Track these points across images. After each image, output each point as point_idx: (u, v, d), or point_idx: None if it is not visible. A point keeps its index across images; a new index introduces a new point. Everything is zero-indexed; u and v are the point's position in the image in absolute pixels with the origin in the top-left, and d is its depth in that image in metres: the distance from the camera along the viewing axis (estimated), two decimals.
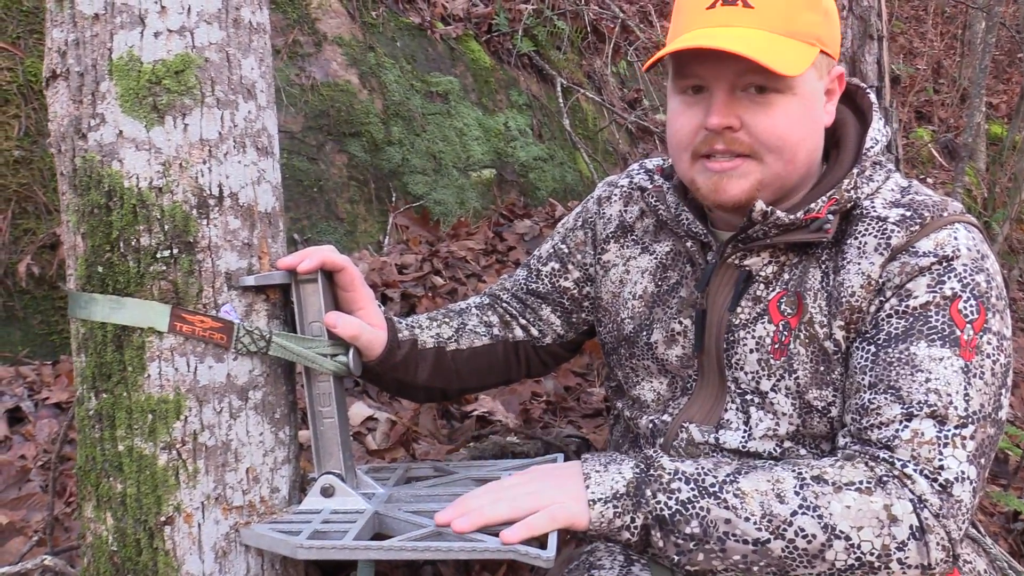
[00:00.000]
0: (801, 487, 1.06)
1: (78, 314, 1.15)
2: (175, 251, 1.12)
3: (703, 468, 1.09)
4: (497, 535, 1.08)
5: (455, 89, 3.57)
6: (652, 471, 1.09)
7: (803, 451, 1.21)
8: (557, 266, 1.47)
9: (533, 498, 1.08)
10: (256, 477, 1.19)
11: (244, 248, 1.17)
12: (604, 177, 3.97)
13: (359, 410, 2.16)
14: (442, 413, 2.33)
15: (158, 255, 1.12)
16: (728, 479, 1.08)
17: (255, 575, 1.18)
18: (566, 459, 1.47)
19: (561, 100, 3.98)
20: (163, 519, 1.13)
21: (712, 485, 1.07)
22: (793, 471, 1.08)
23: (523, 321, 1.47)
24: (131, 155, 1.12)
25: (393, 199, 3.19)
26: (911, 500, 1.04)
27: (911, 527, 1.03)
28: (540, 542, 1.06)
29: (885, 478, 1.06)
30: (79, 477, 1.20)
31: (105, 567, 1.15)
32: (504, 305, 1.49)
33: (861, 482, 1.05)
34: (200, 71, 1.13)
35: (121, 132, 1.12)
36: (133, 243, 1.12)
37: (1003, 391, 1.12)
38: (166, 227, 1.12)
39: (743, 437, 1.22)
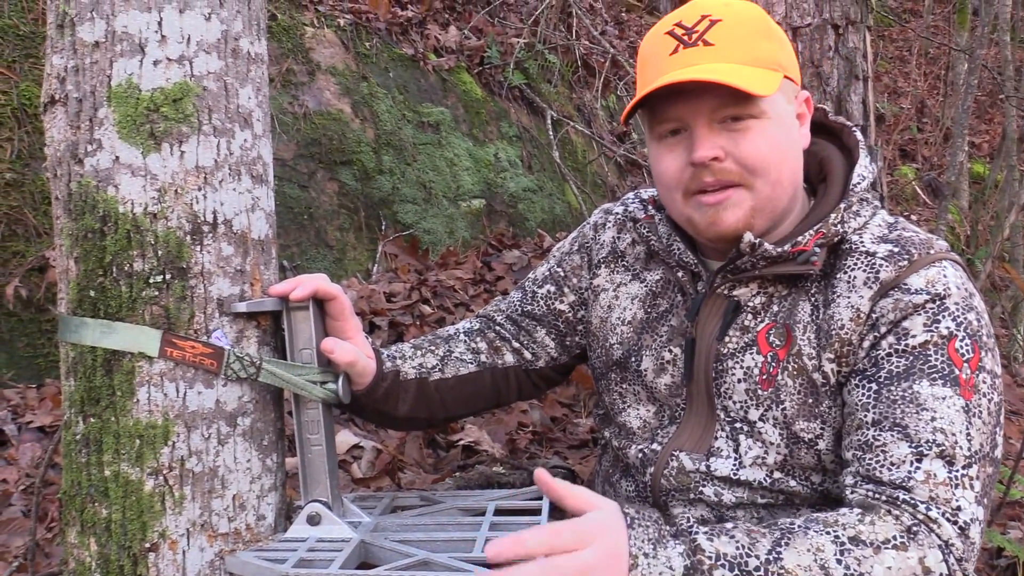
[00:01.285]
0: (842, 554, 1.02)
1: (68, 338, 1.15)
2: (168, 276, 1.13)
3: (742, 547, 1.03)
4: (482, 564, 1.08)
5: (446, 120, 3.61)
6: (695, 556, 1.02)
7: (793, 482, 1.21)
8: (553, 289, 1.48)
9: None
10: (243, 504, 1.18)
11: (236, 275, 1.18)
12: (592, 209, 4.00)
13: (345, 438, 2.16)
14: (428, 442, 2.33)
15: (151, 280, 1.13)
16: (770, 558, 1.01)
17: None
18: None
19: (551, 132, 4.03)
20: (148, 545, 1.13)
21: (756, 569, 1.01)
22: (829, 535, 1.04)
23: (516, 344, 1.47)
24: (127, 181, 1.13)
25: (383, 227, 3.21)
26: (939, 547, 1.04)
27: (941, 574, 1.03)
28: None
29: (915, 528, 1.05)
30: (63, 502, 1.19)
31: None
32: (497, 328, 1.49)
33: (895, 537, 1.03)
34: (198, 99, 1.15)
35: (118, 158, 1.13)
36: (126, 268, 1.12)
37: (998, 429, 1.13)
38: (159, 252, 1.13)
39: (734, 465, 1.23)
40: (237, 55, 1.19)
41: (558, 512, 1.93)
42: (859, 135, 1.29)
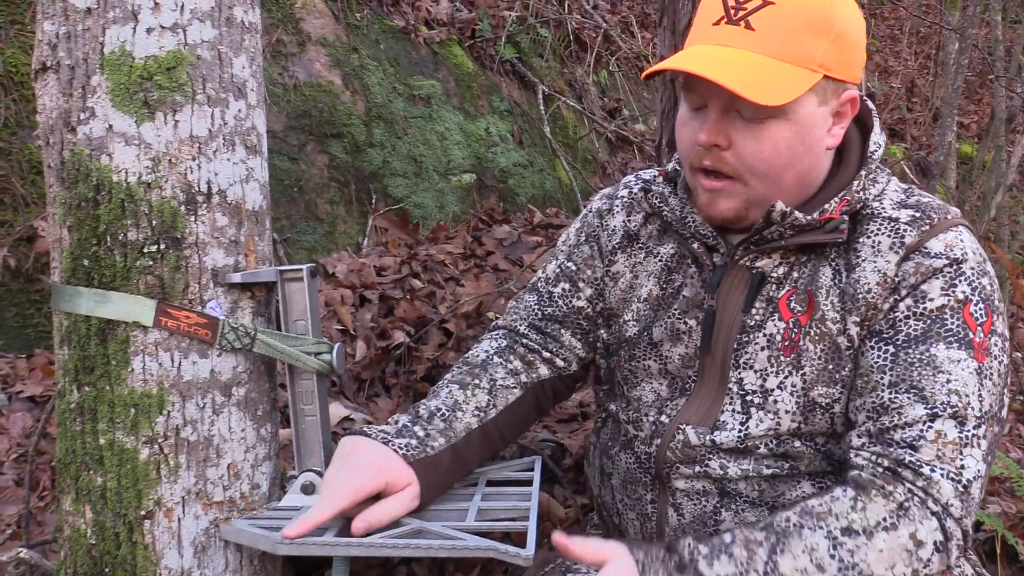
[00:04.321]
0: (835, 548, 1.06)
1: (62, 307, 1.15)
2: (162, 246, 1.13)
3: (741, 563, 1.06)
4: (476, 533, 1.10)
5: (437, 93, 3.59)
6: None
7: (798, 443, 1.23)
8: (568, 286, 1.45)
9: None
10: (237, 473, 1.19)
11: (231, 245, 1.18)
12: (583, 185, 4.00)
13: (336, 410, 2.16)
14: None
15: (145, 250, 1.13)
16: (768, 569, 1.05)
17: (234, 570, 1.19)
18: (543, 463, 1.48)
19: (542, 107, 4.01)
20: (143, 513, 1.14)
21: None
22: (822, 530, 1.07)
23: (546, 354, 1.44)
24: (120, 149, 1.12)
25: (373, 201, 3.20)
26: (935, 514, 1.08)
27: (935, 543, 1.07)
28: (519, 541, 1.08)
29: (906, 503, 1.08)
30: (58, 470, 1.20)
31: (83, 561, 1.15)
32: (523, 341, 1.45)
33: (885, 519, 1.07)
34: (192, 68, 1.14)
35: (111, 126, 1.12)
36: (120, 237, 1.12)
37: (1005, 391, 1.17)
38: (154, 222, 1.13)
39: (740, 436, 1.24)
40: (231, 24, 1.19)
41: (547, 483, 1.96)
42: (871, 104, 1.29)
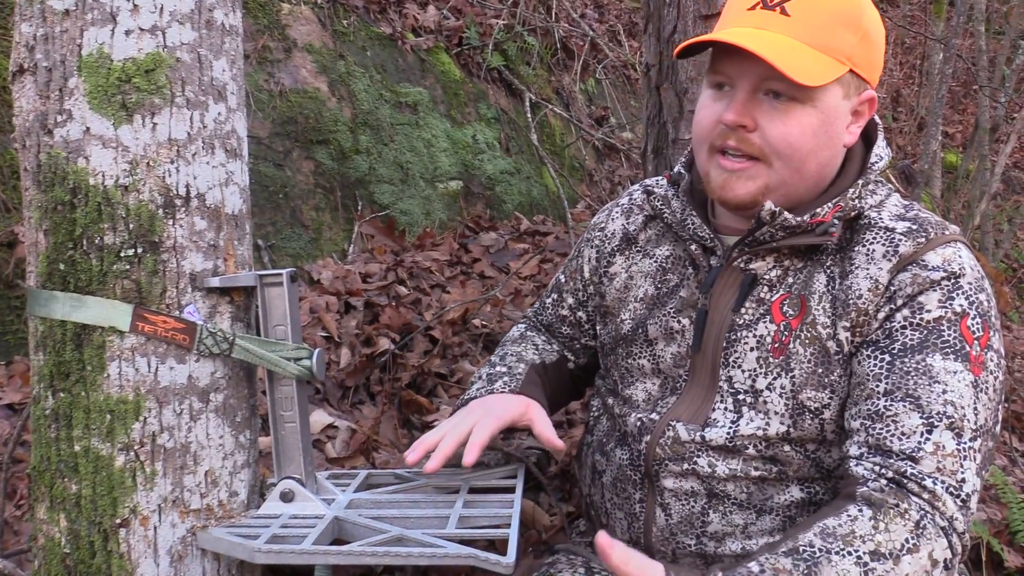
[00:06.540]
0: (866, 574, 1.04)
1: (37, 312, 1.13)
2: (139, 250, 1.12)
3: None
4: (456, 540, 1.09)
5: (424, 100, 3.58)
6: None
7: (787, 447, 1.22)
8: (556, 296, 1.57)
9: None
10: (215, 480, 1.18)
11: (210, 249, 1.17)
12: (570, 193, 4.01)
13: (319, 418, 2.15)
14: (403, 422, 2.32)
15: (122, 254, 1.11)
16: None
17: None
18: (527, 471, 1.48)
19: (529, 115, 4.02)
20: (118, 521, 1.12)
21: None
22: (851, 555, 1.05)
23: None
24: (98, 152, 1.11)
25: (359, 208, 3.19)
26: (943, 529, 1.08)
27: (945, 560, 1.07)
28: (501, 549, 1.07)
29: (922, 521, 1.07)
30: (32, 477, 1.18)
31: (57, 570, 1.14)
32: (541, 330, 1.62)
33: (907, 539, 1.06)
34: (171, 71, 1.13)
35: (88, 129, 1.11)
36: (97, 241, 1.11)
37: (999, 406, 1.17)
38: (131, 226, 1.11)
39: (728, 434, 1.24)
40: (211, 26, 1.17)
41: (532, 491, 1.94)
42: (877, 119, 1.31)
